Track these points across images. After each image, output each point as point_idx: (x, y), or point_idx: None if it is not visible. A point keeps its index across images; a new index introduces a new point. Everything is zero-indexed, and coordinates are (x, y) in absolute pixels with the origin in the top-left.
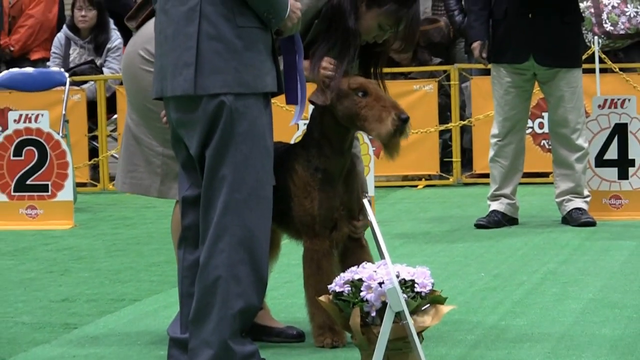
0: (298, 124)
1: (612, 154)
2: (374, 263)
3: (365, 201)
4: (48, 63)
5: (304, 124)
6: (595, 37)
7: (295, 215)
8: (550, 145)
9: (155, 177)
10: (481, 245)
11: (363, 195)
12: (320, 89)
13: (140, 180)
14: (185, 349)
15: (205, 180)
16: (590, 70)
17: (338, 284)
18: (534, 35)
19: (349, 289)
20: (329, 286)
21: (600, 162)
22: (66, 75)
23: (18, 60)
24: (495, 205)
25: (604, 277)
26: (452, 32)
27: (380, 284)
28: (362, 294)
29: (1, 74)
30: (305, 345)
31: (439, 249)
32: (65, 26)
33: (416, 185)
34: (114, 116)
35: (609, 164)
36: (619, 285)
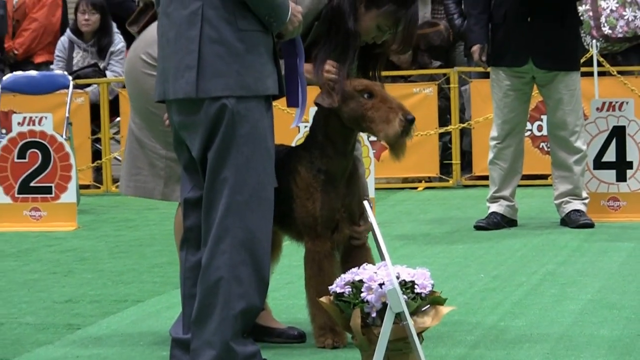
0: (299, 126)
1: (610, 156)
2: (375, 264)
3: (366, 203)
4: (52, 66)
5: (305, 126)
6: (594, 41)
7: (297, 216)
8: (549, 147)
9: (158, 180)
10: (480, 247)
11: (363, 198)
12: (326, 91)
13: (144, 183)
14: (187, 349)
15: (207, 182)
16: (588, 74)
17: (339, 285)
18: (532, 38)
19: (350, 290)
20: (330, 287)
21: (599, 165)
22: (69, 78)
23: (22, 63)
24: (494, 207)
25: (602, 278)
26: (452, 36)
27: (380, 285)
28: (363, 295)
29: (5, 77)
30: (306, 346)
31: (439, 250)
32: (68, 30)
33: (416, 187)
34: (117, 119)
35: (607, 166)
36: (617, 286)
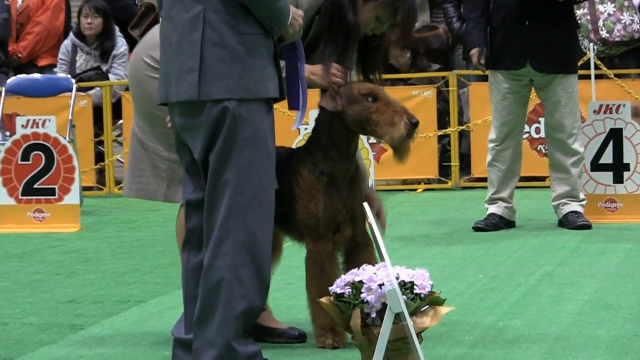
0: (299, 128)
1: (608, 158)
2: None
3: (366, 204)
4: (55, 69)
5: (305, 128)
6: (591, 44)
7: (300, 217)
8: (546, 149)
9: (161, 182)
10: (479, 248)
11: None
12: (330, 94)
13: (146, 185)
14: (189, 349)
15: (209, 184)
16: (586, 76)
17: (339, 285)
18: (530, 42)
19: (350, 290)
20: (330, 288)
21: (596, 166)
22: (73, 81)
23: (26, 66)
24: (493, 209)
25: (600, 279)
26: (451, 39)
27: (380, 285)
28: (363, 295)
29: (9, 80)
30: (306, 346)
31: (438, 251)
32: (71, 33)
33: (415, 189)
34: (119, 121)
35: (604, 168)
36: (614, 287)
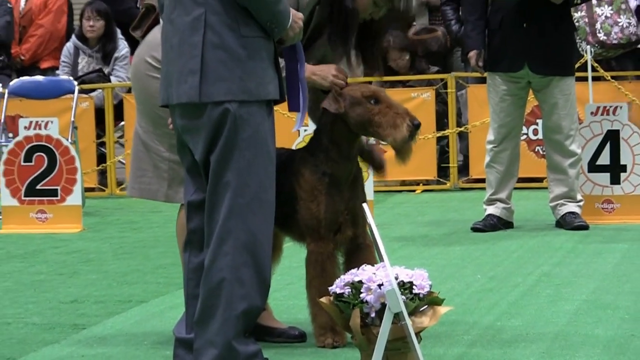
0: (299, 130)
1: (605, 159)
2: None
3: (365, 205)
4: (57, 72)
5: (304, 130)
6: (588, 46)
7: (301, 218)
8: (544, 151)
9: (162, 182)
10: (477, 248)
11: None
12: (333, 96)
13: (148, 185)
14: (190, 348)
15: (210, 185)
16: (583, 79)
17: (338, 285)
18: (528, 44)
19: (349, 290)
20: (330, 288)
21: (593, 168)
22: (75, 83)
23: (28, 68)
24: (491, 210)
25: (597, 279)
26: (449, 42)
27: (379, 285)
28: (362, 295)
29: (12, 82)
30: (306, 345)
31: (437, 252)
32: (74, 36)
33: (414, 190)
34: (121, 123)
35: (602, 169)
36: (611, 287)
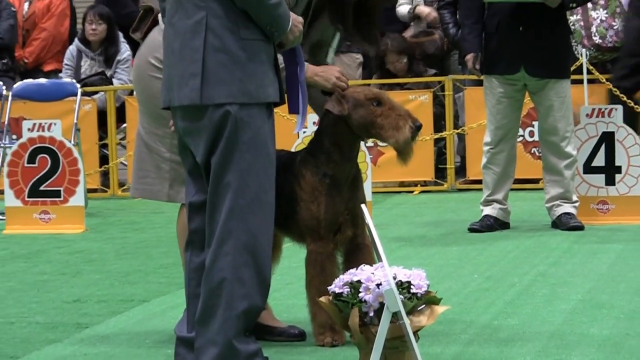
0: (298, 132)
1: (600, 161)
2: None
3: (363, 206)
4: (60, 74)
5: (303, 131)
6: (583, 49)
7: (301, 218)
8: (540, 152)
9: (164, 182)
10: (474, 249)
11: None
12: (337, 98)
13: (150, 185)
14: (191, 347)
15: (211, 187)
16: (578, 81)
17: (337, 285)
18: (524, 47)
19: (348, 290)
20: (329, 287)
21: (588, 169)
22: (78, 86)
23: (32, 71)
24: (487, 210)
25: (592, 279)
26: (447, 45)
27: (378, 285)
28: (361, 295)
29: (16, 85)
30: (306, 344)
31: (434, 252)
32: (76, 39)
33: (412, 191)
34: (123, 125)
35: (597, 170)
36: (606, 287)
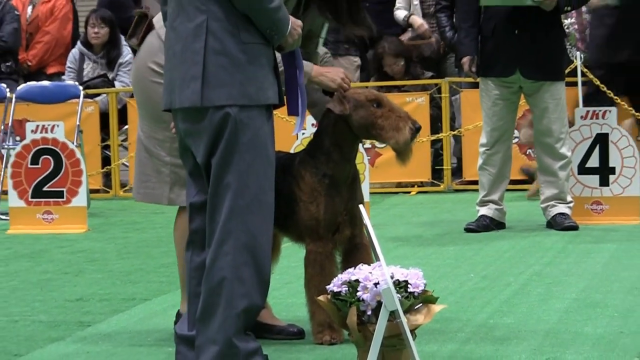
0: (297, 134)
1: (594, 162)
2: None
3: (361, 206)
4: (63, 77)
5: (302, 133)
6: (578, 52)
7: (301, 218)
8: (535, 154)
9: (165, 186)
10: (470, 248)
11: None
12: (338, 99)
13: (152, 189)
14: (192, 345)
15: (211, 187)
16: (573, 83)
17: (336, 284)
18: (520, 50)
19: (346, 289)
20: (328, 286)
21: (583, 170)
22: (80, 88)
23: (35, 74)
24: (483, 211)
25: (586, 278)
26: (443, 48)
27: (375, 284)
28: (359, 294)
29: (19, 87)
30: (305, 342)
31: (431, 252)
32: (79, 42)
33: (409, 192)
34: (125, 127)
35: (591, 171)
36: (600, 286)
